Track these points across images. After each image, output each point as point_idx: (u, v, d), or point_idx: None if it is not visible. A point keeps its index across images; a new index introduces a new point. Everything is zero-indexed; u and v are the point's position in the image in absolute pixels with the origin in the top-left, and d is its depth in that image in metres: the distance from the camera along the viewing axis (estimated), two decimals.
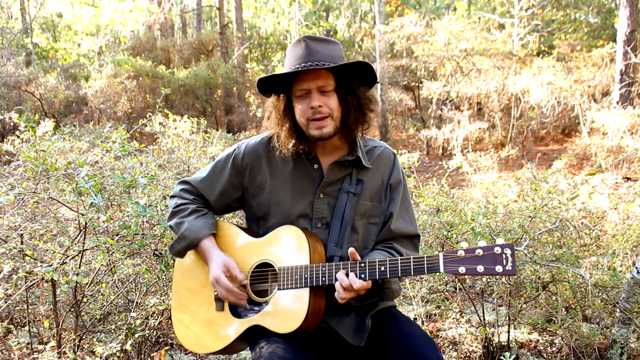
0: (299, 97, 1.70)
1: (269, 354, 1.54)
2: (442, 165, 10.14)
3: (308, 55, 1.66)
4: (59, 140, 3.00)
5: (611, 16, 16.78)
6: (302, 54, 1.67)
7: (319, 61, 1.65)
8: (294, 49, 1.71)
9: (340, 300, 1.57)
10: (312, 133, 1.70)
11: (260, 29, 21.98)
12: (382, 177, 1.82)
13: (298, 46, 1.69)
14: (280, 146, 1.76)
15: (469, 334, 3.16)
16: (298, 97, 1.70)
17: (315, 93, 1.67)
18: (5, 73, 11.49)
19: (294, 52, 1.70)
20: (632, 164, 8.47)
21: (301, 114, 1.70)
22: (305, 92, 1.68)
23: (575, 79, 10.99)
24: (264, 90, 1.77)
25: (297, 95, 1.70)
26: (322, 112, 1.67)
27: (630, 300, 2.65)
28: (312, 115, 1.67)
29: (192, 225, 1.79)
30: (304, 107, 1.69)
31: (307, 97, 1.69)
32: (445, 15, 15.66)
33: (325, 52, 1.68)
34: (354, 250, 1.58)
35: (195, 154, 4.33)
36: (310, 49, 1.67)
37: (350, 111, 1.71)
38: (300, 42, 1.69)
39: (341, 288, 1.56)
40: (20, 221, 2.71)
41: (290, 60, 1.70)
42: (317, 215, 1.76)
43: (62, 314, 2.65)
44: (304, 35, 1.73)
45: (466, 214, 3.02)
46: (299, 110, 1.71)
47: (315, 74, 1.67)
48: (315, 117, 1.67)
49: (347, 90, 1.71)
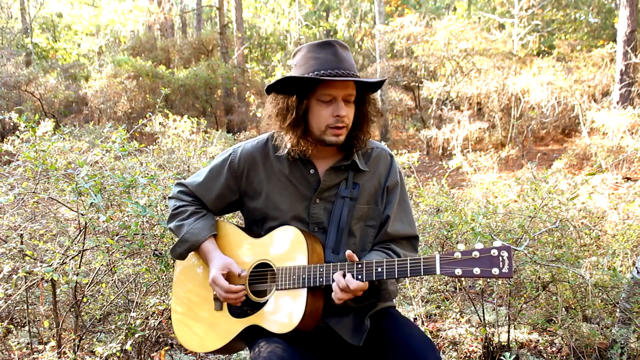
0: (323, 102, 1.66)
1: (267, 354, 1.55)
2: (442, 165, 10.14)
3: (339, 62, 1.64)
4: (59, 140, 3.00)
5: (611, 16, 16.78)
6: (332, 59, 1.64)
7: (348, 70, 1.64)
8: (319, 51, 1.66)
9: (337, 300, 1.57)
10: (328, 139, 1.68)
11: (260, 29, 21.98)
12: (379, 180, 1.82)
13: (326, 49, 1.65)
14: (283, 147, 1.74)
15: (469, 334, 3.16)
16: (322, 101, 1.67)
17: (341, 102, 1.65)
18: (5, 73, 11.49)
19: (320, 54, 1.65)
20: (632, 164, 8.47)
21: (323, 120, 1.67)
22: (332, 98, 1.66)
23: (575, 79, 10.98)
24: (281, 90, 1.71)
25: (323, 99, 1.66)
26: (344, 122, 1.67)
27: (630, 300, 2.65)
28: (334, 123, 1.66)
29: (192, 228, 1.80)
30: (326, 114, 1.66)
31: (331, 104, 1.66)
32: (445, 15, 15.66)
33: (350, 61, 1.67)
34: (351, 252, 1.58)
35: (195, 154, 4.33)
36: (339, 56, 1.65)
37: (363, 123, 1.72)
38: (329, 46, 1.66)
39: (338, 289, 1.56)
40: (20, 221, 2.71)
41: (315, 62, 1.65)
42: (313, 220, 1.75)
43: (62, 314, 2.65)
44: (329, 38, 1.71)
45: (466, 214, 3.02)
46: (320, 116, 1.67)
47: (346, 83, 1.65)
48: (337, 125, 1.66)
49: (365, 102, 1.72)
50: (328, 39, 1.69)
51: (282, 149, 1.76)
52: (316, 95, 1.66)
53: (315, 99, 1.67)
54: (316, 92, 1.66)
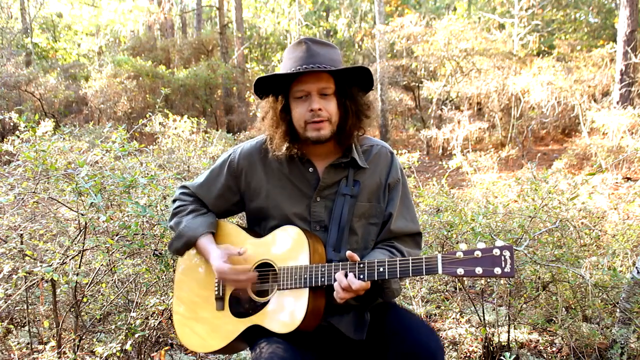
0: (298, 99, 1.68)
1: (268, 354, 1.55)
2: (442, 165, 10.14)
3: (309, 57, 1.65)
4: (59, 140, 3.00)
5: (611, 16, 16.78)
6: (303, 56, 1.66)
7: (320, 64, 1.64)
8: (293, 50, 1.69)
9: (339, 300, 1.57)
10: (310, 135, 1.68)
11: (260, 29, 21.97)
12: (380, 177, 1.81)
13: (298, 48, 1.68)
14: (273, 149, 1.74)
15: (469, 334, 3.16)
16: (297, 98, 1.68)
17: (315, 96, 1.66)
18: (5, 73, 11.48)
19: (293, 54, 1.68)
20: (632, 164, 8.46)
21: (299, 116, 1.68)
22: (305, 94, 1.67)
23: (575, 79, 10.98)
24: (261, 92, 1.75)
25: (297, 96, 1.68)
26: (322, 115, 1.66)
27: (630, 300, 2.65)
28: (311, 118, 1.66)
29: (189, 223, 1.81)
30: (302, 110, 1.67)
31: (306, 100, 1.67)
32: (445, 15, 15.65)
33: (327, 55, 1.67)
34: (352, 253, 1.58)
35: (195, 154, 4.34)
36: (311, 51, 1.66)
37: (348, 116, 1.70)
38: (301, 44, 1.68)
39: (340, 288, 1.56)
40: (20, 221, 2.71)
41: (289, 62, 1.68)
42: (314, 218, 1.75)
43: (62, 314, 2.65)
44: (303, 36, 1.71)
45: (466, 214, 3.02)
46: (297, 113, 1.69)
47: (317, 76, 1.65)
48: (314, 119, 1.66)
49: (347, 95, 1.70)
50: (301, 37, 1.70)
51: (275, 147, 1.75)
52: (292, 93, 1.69)
53: (292, 97, 1.70)
54: (292, 90, 1.69)
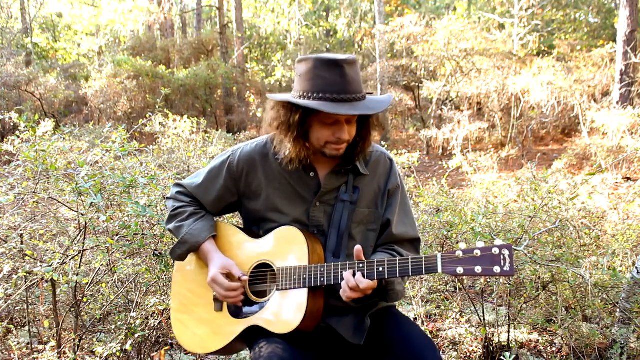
0: (326, 124, 1.64)
1: (268, 354, 1.55)
2: (442, 165, 10.14)
3: (346, 84, 1.58)
4: (59, 140, 3.00)
5: (611, 16, 16.78)
6: (338, 82, 1.58)
7: (355, 92, 1.59)
8: (327, 71, 1.58)
9: (346, 299, 1.57)
10: (328, 152, 1.68)
11: (260, 29, 21.98)
12: (379, 183, 1.81)
13: (334, 69, 1.57)
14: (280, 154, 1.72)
15: (469, 334, 3.16)
16: (324, 122, 1.64)
17: (344, 124, 1.64)
18: (5, 73, 11.47)
19: (327, 74, 1.58)
20: (632, 164, 8.46)
21: (322, 137, 1.66)
22: (334, 121, 1.64)
23: (575, 79, 10.98)
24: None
25: (325, 122, 1.64)
26: (346, 140, 1.66)
27: (630, 300, 2.65)
28: (334, 142, 1.66)
29: (191, 229, 1.79)
30: (327, 133, 1.65)
31: (333, 125, 1.64)
32: (445, 15, 15.65)
33: (357, 79, 1.62)
34: (361, 248, 1.58)
35: (195, 154, 4.34)
36: (347, 78, 1.58)
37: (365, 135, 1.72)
38: (338, 67, 1.57)
39: (347, 287, 1.55)
40: (20, 221, 2.71)
41: (322, 82, 1.58)
42: (313, 223, 1.75)
43: (62, 314, 2.65)
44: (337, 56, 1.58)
45: (466, 214, 3.02)
46: (319, 133, 1.66)
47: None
48: (337, 142, 1.66)
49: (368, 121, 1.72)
50: (337, 58, 1.58)
51: (281, 153, 1.73)
52: (319, 117, 1.64)
53: (317, 119, 1.65)
54: (319, 114, 1.63)
